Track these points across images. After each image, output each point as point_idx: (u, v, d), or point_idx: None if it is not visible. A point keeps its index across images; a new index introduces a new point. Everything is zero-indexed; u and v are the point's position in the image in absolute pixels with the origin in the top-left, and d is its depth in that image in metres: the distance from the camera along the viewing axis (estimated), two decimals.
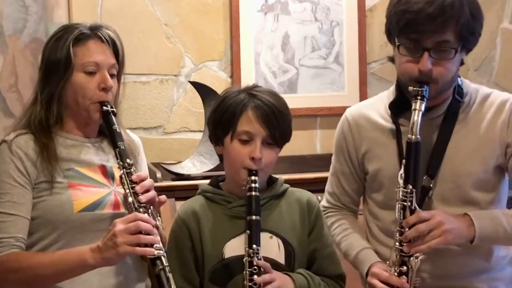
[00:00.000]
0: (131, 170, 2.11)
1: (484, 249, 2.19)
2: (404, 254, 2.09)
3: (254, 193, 2.06)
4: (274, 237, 2.12)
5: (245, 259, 2.02)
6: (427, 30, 2.05)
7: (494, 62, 3.83)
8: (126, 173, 2.10)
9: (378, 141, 2.27)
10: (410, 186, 2.08)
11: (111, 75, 2.17)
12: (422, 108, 2.08)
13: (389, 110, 2.26)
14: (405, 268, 2.09)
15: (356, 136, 2.31)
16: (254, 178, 2.07)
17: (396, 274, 2.10)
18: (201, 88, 3.26)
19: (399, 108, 2.23)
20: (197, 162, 3.19)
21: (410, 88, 2.10)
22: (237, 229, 2.09)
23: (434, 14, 2.04)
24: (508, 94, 2.27)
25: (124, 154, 2.13)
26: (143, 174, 2.15)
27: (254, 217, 2.05)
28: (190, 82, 3.37)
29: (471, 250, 2.16)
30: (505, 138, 2.19)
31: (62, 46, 2.14)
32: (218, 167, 2.91)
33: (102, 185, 2.18)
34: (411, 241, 2.07)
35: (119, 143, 2.14)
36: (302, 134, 3.60)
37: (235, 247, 2.08)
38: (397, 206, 2.10)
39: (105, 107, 2.15)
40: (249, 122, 2.08)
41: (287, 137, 2.15)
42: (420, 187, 2.14)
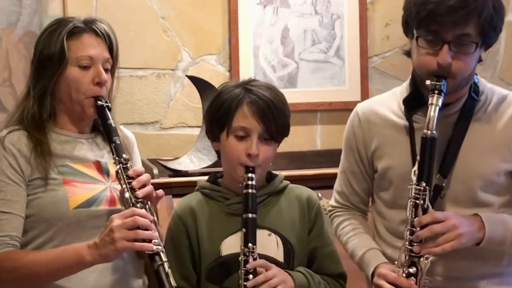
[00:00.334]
0: (127, 165, 2.11)
1: (495, 252, 2.17)
2: (413, 255, 2.05)
3: (250, 190, 2.06)
4: (273, 234, 2.12)
5: (240, 258, 2.02)
6: (448, 22, 2.03)
7: (498, 56, 3.82)
8: (122, 168, 2.10)
9: (389, 137, 2.24)
10: (424, 184, 2.05)
11: (105, 70, 2.17)
12: (439, 102, 2.06)
13: (402, 105, 2.23)
14: (414, 269, 2.06)
15: (366, 132, 2.29)
16: (250, 175, 2.07)
17: (404, 275, 2.06)
18: (198, 82, 3.25)
19: (414, 104, 2.21)
20: (194, 158, 3.19)
21: (428, 81, 2.07)
22: (234, 226, 2.09)
23: (456, 6, 2.01)
24: None
25: (120, 149, 2.13)
26: (140, 169, 2.15)
27: (250, 215, 2.05)
28: (187, 76, 3.37)
29: (482, 253, 2.13)
30: None
31: (56, 39, 2.14)
32: (216, 163, 2.91)
33: (97, 181, 2.18)
34: (422, 241, 2.04)
35: (115, 138, 2.14)
36: (302, 129, 3.60)
37: (232, 245, 2.09)
38: (408, 204, 2.07)
39: (99, 102, 2.15)
40: (244, 118, 2.08)
41: (285, 132, 2.15)
42: (433, 186, 2.11)
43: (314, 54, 3.61)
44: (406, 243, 2.06)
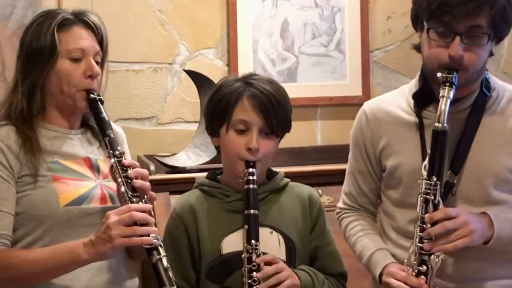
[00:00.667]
0: (122, 158, 2.09)
1: (506, 254, 2.16)
2: (424, 252, 2.04)
3: (251, 185, 2.06)
4: (275, 232, 2.12)
5: (243, 255, 2.02)
6: (460, 12, 2.02)
7: (502, 49, 3.82)
8: (117, 161, 2.08)
9: (398, 135, 2.23)
10: (435, 178, 2.04)
11: (96, 62, 2.15)
12: (451, 95, 2.05)
13: (411, 102, 2.22)
14: (424, 267, 2.04)
15: (374, 130, 2.27)
16: (251, 170, 2.07)
17: (414, 274, 2.05)
18: (196, 77, 3.25)
19: (423, 99, 2.20)
20: (192, 154, 3.19)
21: (439, 74, 2.07)
22: (235, 224, 2.09)
23: None
24: None
25: (114, 143, 2.12)
26: (136, 162, 2.14)
27: (252, 211, 2.05)
28: (185, 70, 3.36)
29: (493, 254, 2.13)
30: None
31: (46, 32, 2.12)
32: (215, 160, 2.91)
33: (88, 178, 2.16)
34: (433, 238, 2.03)
35: (108, 131, 2.13)
36: (302, 125, 3.59)
37: (233, 243, 2.08)
38: (419, 199, 2.05)
39: (92, 95, 2.14)
40: (244, 111, 2.08)
41: (286, 126, 2.14)
42: (444, 182, 2.10)
43: (314, 48, 3.61)
44: (416, 240, 2.05)
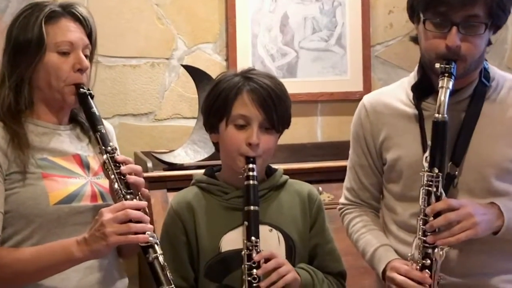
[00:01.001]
0: (115, 154, 2.07)
1: (509, 248, 2.17)
2: (427, 245, 2.05)
3: (252, 181, 2.06)
4: (274, 230, 2.12)
5: (243, 252, 2.02)
6: (456, 2, 2.04)
7: (506, 44, 3.82)
8: (109, 157, 2.07)
9: (398, 127, 2.25)
10: (436, 170, 2.05)
11: (85, 56, 2.13)
12: (450, 85, 2.06)
13: (411, 94, 2.24)
14: (428, 261, 2.05)
15: (374, 123, 2.29)
16: (251, 166, 2.06)
17: (418, 268, 2.06)
18: (194, 72, 3.25)
19: (422, 91, 2.22)
20: (190, 151, 3.19)
21: (437, 64, 2.08)
22: (234, 221, 2.09)
23: None
24: None
25: (105, 138, 2.10)
26: (129, 158, 2.12)
27: (252, 207, 2.05)
28: (183, 65, 3.36)
29: (500, 247, 2.14)
30: None
31: (33, 24, 2.09)
32: (213, 156, 2.91)
33: (78, 175, 2.14)
34: (436, 231, 2.04)
35: (99, 127, 2.11)
36: (302, 121, 3.59)
37: (232, 241, 2.08)
38: (421, 192, 2.06)
39: (82, 90, 2.11)
40: (244, 106, 2.08)
41: (286, 121, 2.15)
42: (445, 173, 2.10)
43: (314, 43, 3.61)
44: (419, 234, 2.05)
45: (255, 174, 2.06)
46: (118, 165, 2.06)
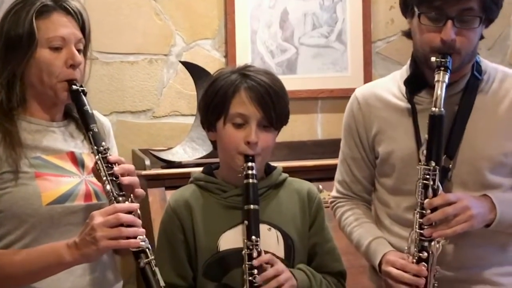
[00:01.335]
0: (107, 155, 2.05)
1: (505, 241, 2.20)
2: (424, 238, 2.07)
3: (251, 180, 2.06)
4: (273, 229, 2.12)
5: (244, 252, 2.02)
6: None
7: (508, 40, 3.83)
8: (102, 158, 2.04)
9: (390, 121, 2.27)
10: (433, 163, 2.08)
11: (78, 50, 2.10)
12: (446, 79, 2.09)
13: (403, 88, 2.26)
14: (425, 254, 2.07)
15: (366, 116, 2.31)
16: (251, 165, 2.06)
17: (414, 261, 2.08)
18: (193, 68, 3.25)
19: (415, 85, 2.24)
20: (188, 149, 3.19)
21: (433, 58, 2.10)
22: (232, 220, 2.09)
23: None
24: None
25: (98, 138, 2.07)
26: (122, 158, 2.10)
27: (252, 206, 2.05)
28: (181, 62, 3.36)
29: (491, 241, 2.17)
30: None
31: (24, 19, 2.06)
32: (211, 154, 2.91)
33: (72, 174, 2.12)
34: (433, 224, 2.06)
35: (92, 126, 2.08)
36: (302, 118, 3.60)
37: (231, 240, 2.08)
38: (417, 185, 2.09)
39: (74, 86, 2.08)
40: (242, 104, 2.08)
41: (284, 118, 2.14)
42: (441, 166, 2.12)
43: (314, 39, 3.61)
44: (416, 227, 2.08)
45: (255, 172, 2.06)
46: (110, 165, 2.04)
